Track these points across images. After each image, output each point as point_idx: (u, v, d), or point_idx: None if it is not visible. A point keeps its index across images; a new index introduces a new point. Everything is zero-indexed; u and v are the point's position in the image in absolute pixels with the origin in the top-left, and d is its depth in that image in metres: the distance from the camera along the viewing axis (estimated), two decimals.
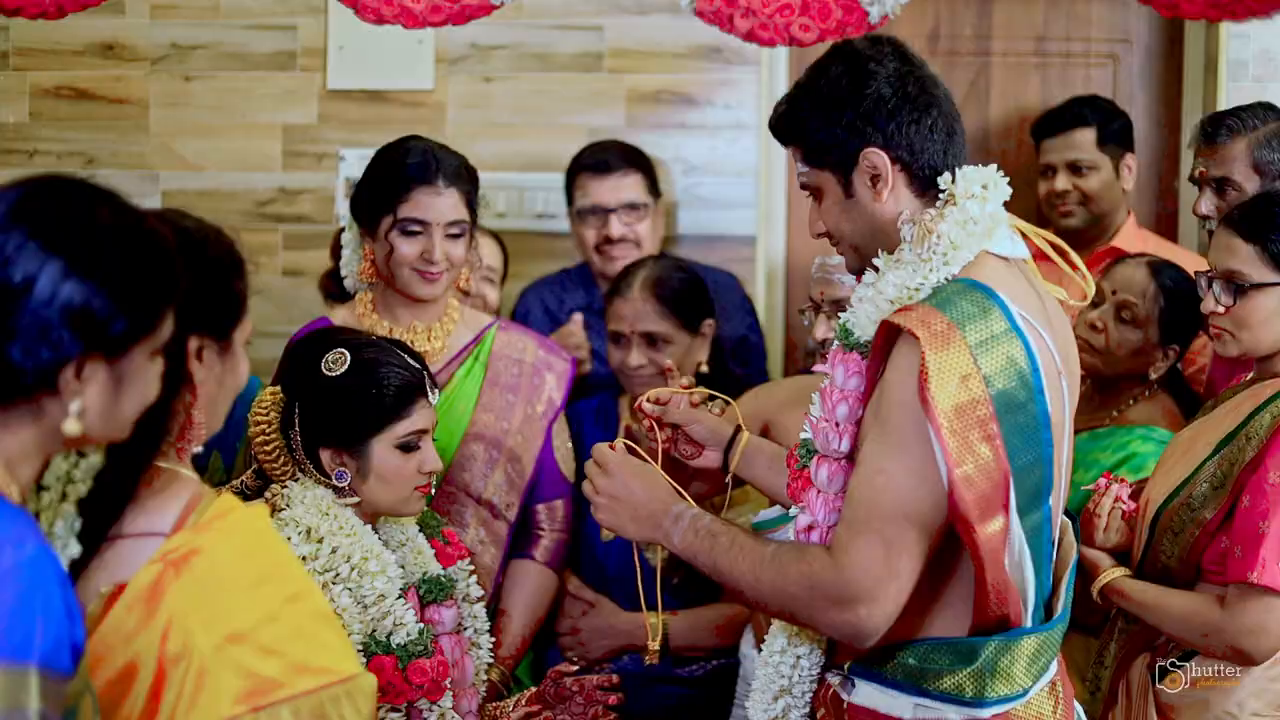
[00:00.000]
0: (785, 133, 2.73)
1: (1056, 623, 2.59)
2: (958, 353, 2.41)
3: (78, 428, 1.93)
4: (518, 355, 3.78)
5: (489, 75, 5.16)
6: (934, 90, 2.65)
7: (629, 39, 5.11)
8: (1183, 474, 3.18)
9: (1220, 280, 3.20)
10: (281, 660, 2.16)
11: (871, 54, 2.64)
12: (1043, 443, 2.48)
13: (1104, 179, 4.65)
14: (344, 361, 3.01)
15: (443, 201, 3.58)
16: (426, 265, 3.57)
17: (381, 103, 5.18)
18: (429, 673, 2.94)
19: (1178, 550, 3.13)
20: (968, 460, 2.40)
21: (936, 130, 2.62)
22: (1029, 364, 2.48)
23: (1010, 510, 2.44)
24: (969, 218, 2.57)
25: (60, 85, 5.33)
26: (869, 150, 2.60)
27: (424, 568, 3.13)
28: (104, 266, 1.91)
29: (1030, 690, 2.54)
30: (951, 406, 2.40)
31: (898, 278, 2.58)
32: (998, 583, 2.46)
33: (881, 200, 2.62)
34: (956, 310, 2.46)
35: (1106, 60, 5.27)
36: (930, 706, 2.53)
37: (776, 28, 3.83)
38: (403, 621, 2.96)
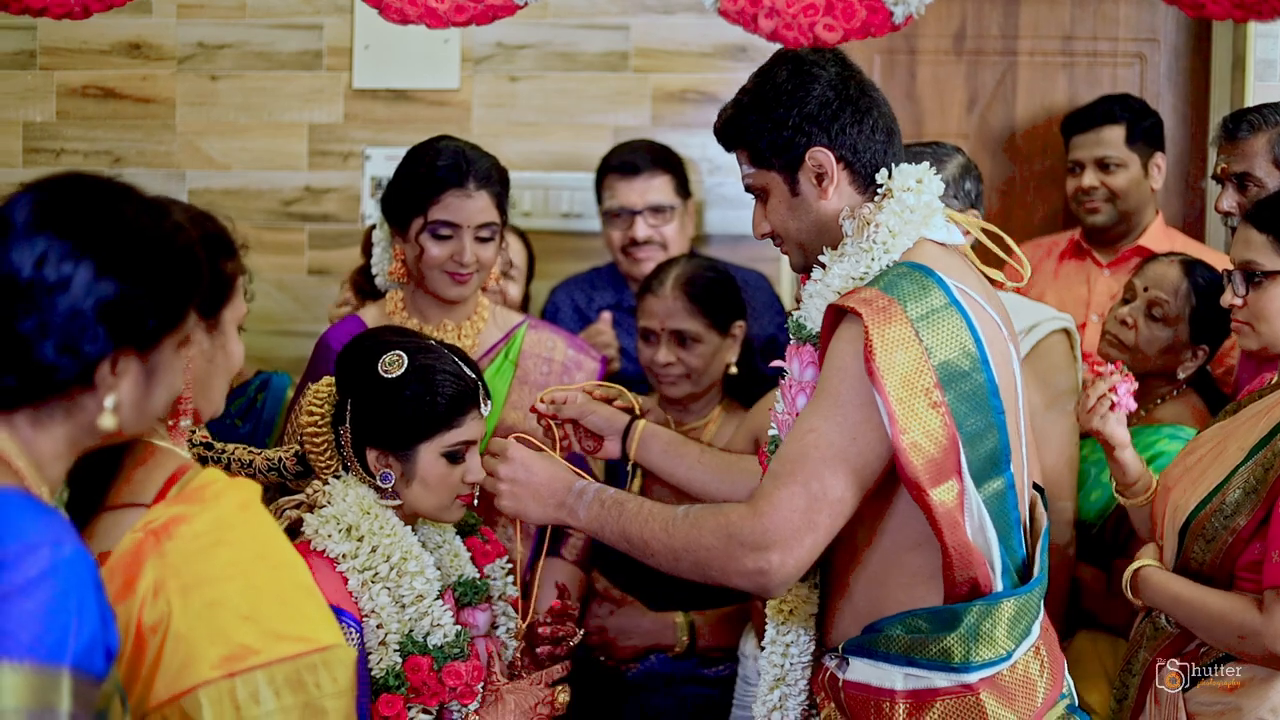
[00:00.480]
0: (732, 136, 2.84)
1: (1034, 585, 2.65)
2: (900, 326, 2.52)
3: (114, 421, 1.97)
4: (547, 354, 3.78)
5: (514, 74, 5.17)
6: (873, 94, 2.80)
7: (654, 38, 5.11)
8: (1214, 480, 3.14)
9: (1238, 272, 3.24)
10: (259, 627, 2.17)
11: (814, 59, 2.78)
12: (992, 410, 2.58)
13: (1132, 177, 4.63)
14: (401, 364, 2.99)
15: (473, 204, 3.58)
16: (457, 267, 3.59)
17: (407, 102, 5.19)
18: (463, 676, 2.92)
19: (1209, 556, 3.10)
20: (914, 427, 2.50)
21: (877, 130, 2.76)
22: (971, 335, 2.58)
23: (964, 475, 2.53)
24: (906, 207, 2.70)
25: (87, 84, 5.35)
26: (815, 149, 2.74)
27: (460, 570, 3.11)
28: (134, 264, 1.95)
29: (1014, 653, 2.61)
30: (898, 377, 2.50)
31: (842, 269, 2.70)
32: (958, 546, 2.54)
33: (827, 198, 2.75)
34: (897, 289, 2.58)
35: (1133, 60, 5.25)
36: (919, 675, 2.60)
37: (801, 28, 3.82)
38: (440, 622, 2.95)
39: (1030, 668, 2.64)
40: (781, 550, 2.52)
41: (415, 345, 3.05)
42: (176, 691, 2.11)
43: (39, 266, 1.90)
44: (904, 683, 2.60)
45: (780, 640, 2.84)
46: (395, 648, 2.89)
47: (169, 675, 2.12)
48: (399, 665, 2.87)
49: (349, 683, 2.27)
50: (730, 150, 2.87)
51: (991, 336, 2.64)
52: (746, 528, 2.55)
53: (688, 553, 2.62)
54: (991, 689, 2.59)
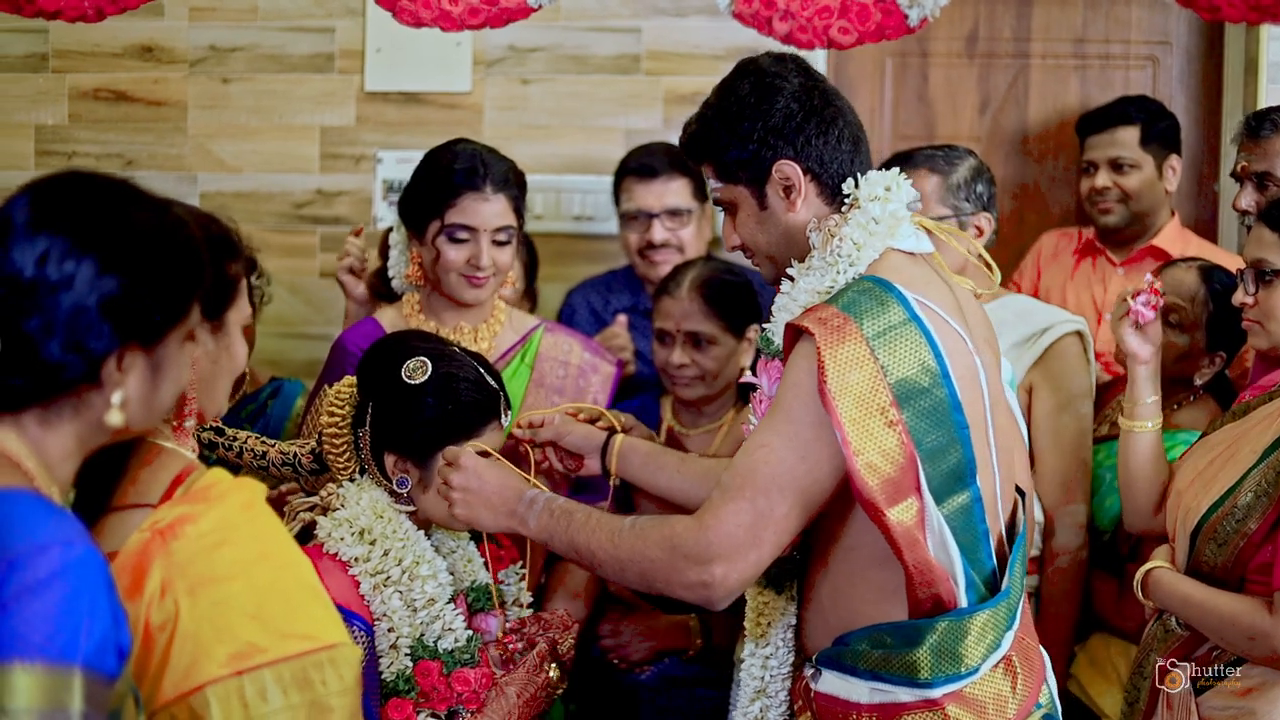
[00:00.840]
0: (697, 151, 2.83)
1: (1000, 599, 2.63)
2: (854, 345, 2.51)
3: (121, 418, 1.97)
4: (563, 357, 3.79)
5: (526, 77, 5.17)
6: (837, 102, 2.78)
7: (666, 41, 5.10)
8: (1226, 483, 3.13)
9: (1250, 270, 3.25)
10: (266, 626, 2.18)
11: (776, 70, 2.77)
12: (955, 425, 2.56)
13: (1145, 178, 4.62)
14: (424, 371, 2.98)
15: (490, 208, 3.59)
16: (473, 271, 3.60)
17: (419, 105, 5.19)
18: (472, 683, 2.92)
19: (1221, 559, 3.10)
20: (868, 448, 2.48)
21: (843, 140, 2.74)
22: (930, 350, 2.56)
23: (923, 492, 2.51)
24: (871, 218, 2.68)
25: (99, 87, 5.35)
26: (781, 162, 2.72)
27: (473, 576, 3.11)
28: (136, 259, 1.95)
29: (980, 668, 2.60)
30: (851, 397, 2.49)
31: (808, 283, 2.70)
32: (919, 563, 2.53)
33: (795, 210, 2.74)
34: (853, 305, 2.56)
35: (1146, 62, 5.25)
36: (884, 690, 2.60)
37: (815, 30, 3.82)
38: (452, 627, 2.95)
39: (1000, 684, 2.62)
40: (724, 564, 2.54)
41: (439, 352, 3.04)
42: (184, 690, 2.12)
43: (41, 265, 1.90)
44: (870, 696, 2.61)
45: (759, 652, 2.85)
46: (406, 651, 2.89)
47: (177, 674, 2.12)
48: (409, 669, 2.87)
49: (354, 680, 2.27)
50: (696, 165, 2.87)
51: (954, 350, 2.61)
52: (690, 540, 2.56)
53: (633, 563, 2.64)
54: (958, 703, 2.58)
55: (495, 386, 3.05)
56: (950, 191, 3.89)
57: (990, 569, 2.64)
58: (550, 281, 4.78)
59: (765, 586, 2.83)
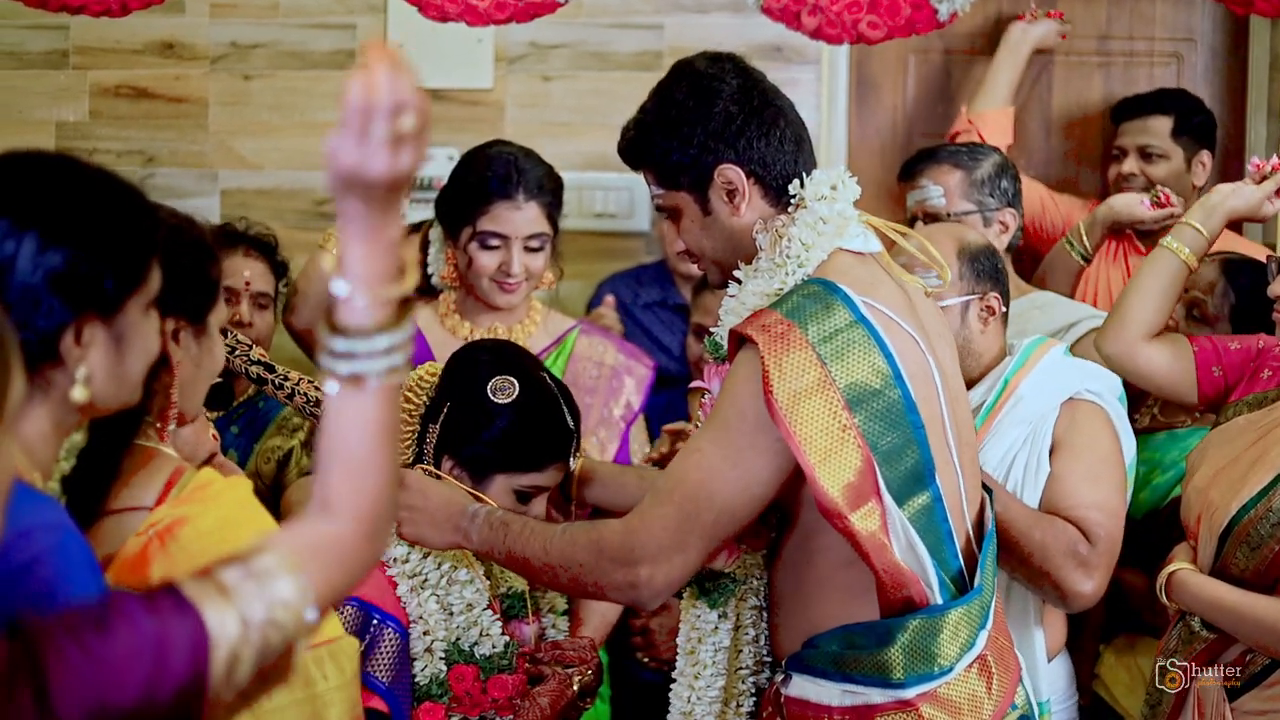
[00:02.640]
0: (636, 157, 2.78)
1: (973, 596, 2.60)
2: (799, 352, 2.47)
3: (85, 394, 1.93)
4: (598, 358, 3.80)
5: (548, 74, 5.16)
6: (778, 102, 2.73)
7: (689, 38, 5.07)
8: (1258, 484, 3.07)
9: None
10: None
11: (713, 72, 2.71)
12: (910, 425, 2.53)
13: (1173, 169, 4.59)
14: (509, 394, 2.95)
15: (522, 216, 3.60)
16: (504, 277, 3.62)
17: (440, 101, 5.17)
18: (510, 689, 2.91)
19: (1253, 564, 3.06)
20: (825, 456, 2.46)
21: (785, 140, 2.68)
22: (880, 352, 2.52)
23: (883, 495, 2.49)
24: (818, 218, 2.63)
25: (120, 84, 5.35)
26: (723, 166, 2.66)
27: (509, 582, 3.07)
28: (79, 228, 1.92)
29: (955, 667, 2.56)
30: (799, 407, 2.45)
31: (756, 286, 2.65)
32: (887, 567, 2.50)
33: (739, 214, 2.68)
34: (798, 310, 2.51)
35: (1170, 59, 5.22)
36: (856, 691, 2.56)
37: (844, 25, 3.81)
38: (489, 633, 2.93)
39: (975, 684, 2.59)
40: (650, 566, 2.55)
41: (530, 378, 3.01)
42: None
43: None
44: (841, 699, 2.57)
45: (687, 672, 2.82)
46: (441, 655, 2.87)
47: None
48: (444, 674, 2.86)
49: (353, 673, 2.30)
50: (636, 170, 2.81)
51: (905, 350, 2.57)
52: (616, 543, 2.57)
53: (564, 569, 2.65)
54: (932, 703, 2.54)
55: (571, 428, 3.02)
56: (974, 186, 3.89)
57: (956, 568, 2.62)
58: (572, 279, 4.75)
59: (698, 599, 2.80)
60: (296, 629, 1.66)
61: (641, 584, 2.56)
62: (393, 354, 1.73)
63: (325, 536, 1.75)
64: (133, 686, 1.53)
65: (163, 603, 1.59)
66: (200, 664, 1.57)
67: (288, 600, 1.65)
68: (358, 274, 1.71)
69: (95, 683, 1.52)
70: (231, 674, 1.60)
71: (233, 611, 1.60)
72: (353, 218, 1.71)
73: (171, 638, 1.56)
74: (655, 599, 2.61)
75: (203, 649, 1.57)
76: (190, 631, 1.58)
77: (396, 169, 1.68)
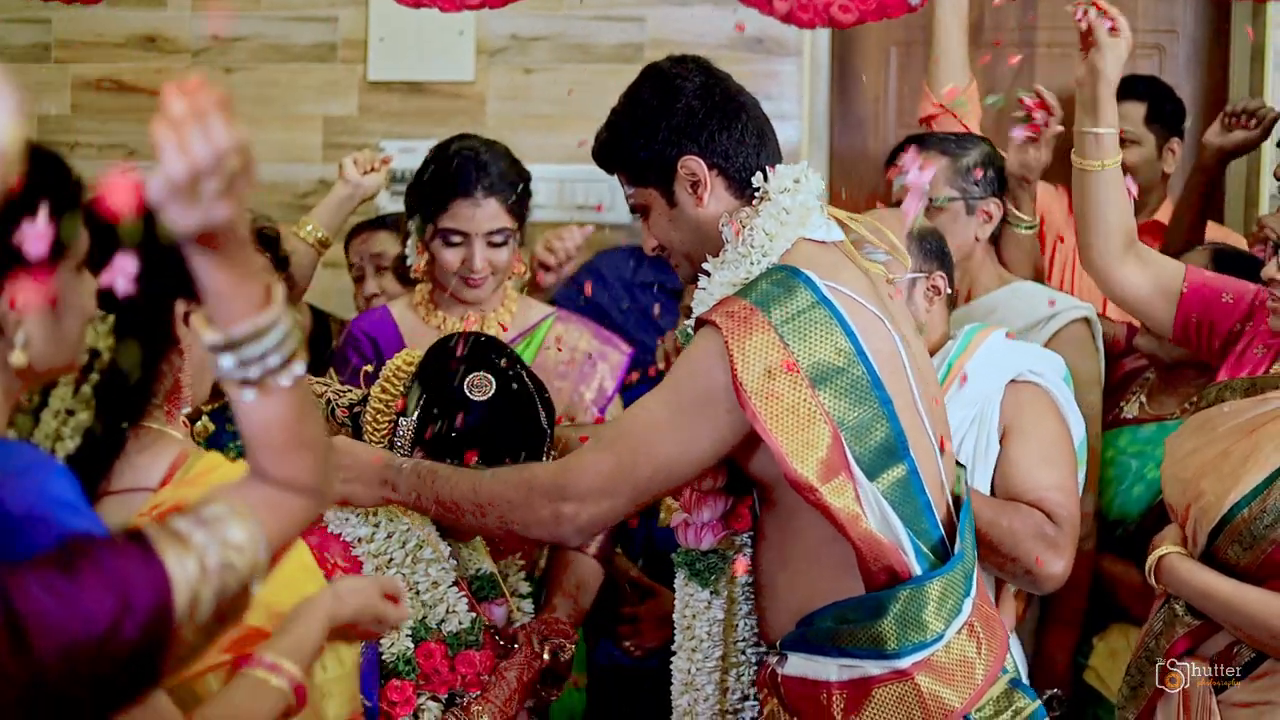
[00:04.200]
0: (608, 159, 2.88)
1: (954, 564, 2.64)
2: (761, 334, 2.55)
3: (24, 358, 1.91)
4: (571, 343, 3.82)
5: (529, 67, 5.16)
6: (741, 98, 2.80)
7: (670, 30, 5.09)
8: (1252, 480, 3.03)
9: None
10: (267, 610, 2.18)
11: (677, 71, 2.81)
12: (877, 400, 2.59)
13: (1144, 155, 4.59)
14: (486, 391, 2.99)
15: (482, 213, 3.63)
16: (468, 273, 3.64)
17: (422, 94, 5.18)
18: (477, 664, 2.93)
19: (1246, 560, 3.04)
20: (792, 435, 2.52)
21: (747, 134, 2.76)
22: (842, 330, 2.59)
23: (853, 469, 2.55)
24: (782, 209, 2.71)
25: (102, 78, 5.35)
26: (685, 158, 2.74)
27: (477, 564, 3.11)
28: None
29: (945, 634, 2.61)
30: (764, 387, 2.53)
31: (723, 276, 2.72)
32: (863, 538, 2.55)
33: (703, 205, 2.75)
34: (760, 294, 2.59)
35: (1152, 51, 5.23)
36: (853, 665, 2.61)
37: (816, 9, 3.80)
38: (455, 610, 2.96)
39: (966, 647, 2.64)
40: (576, 503, 2.64)
41: (508, 375, 3.05)
42: (184, 673, 2.10)
43: None
44: (839, 673, 2.62)
45: (685, 645, 2.89)
46: (408, 633, 2.89)
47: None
48: (410, 651, 2.88)
49: (353, 665, 2.31)
50: (611, 173, 2.90)
51: (869, 328, 2.64)
52: (547, 479, 2.67)
53: (492, 507, 2.71)
54: (927, 671, 2.59)
55: (545, 428, 3.06)
56: (959, 174, 3.90)
57: (938, 537, 2.66)
58: None
59: (690, 579, 2.88)
60: (250, 570, 1.70)
61: (566, 519, 2.65)
62: (281, 349, 1.77)
63: (267, 495, 1.80)
64: (101, 622, 1.56)
65: (127, 546, 1.62)
66: (164, 602, 1.60)
67: (239, 543, 1.69)
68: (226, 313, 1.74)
69: (67, 622, 1.55)
70: (194, 611, 1.63)
71: (191, 556, 1.64)
72: (202, 263, 1.72)
73: (136, 577, 1.60)
74: (577, 535, 2.71)
75: (165, 588, 1.61)
76: (153, 572, 1.61)
77: (225, 215, 1.66)
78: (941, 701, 2.59)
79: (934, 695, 2.59)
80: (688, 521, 2.84)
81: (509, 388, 3.02)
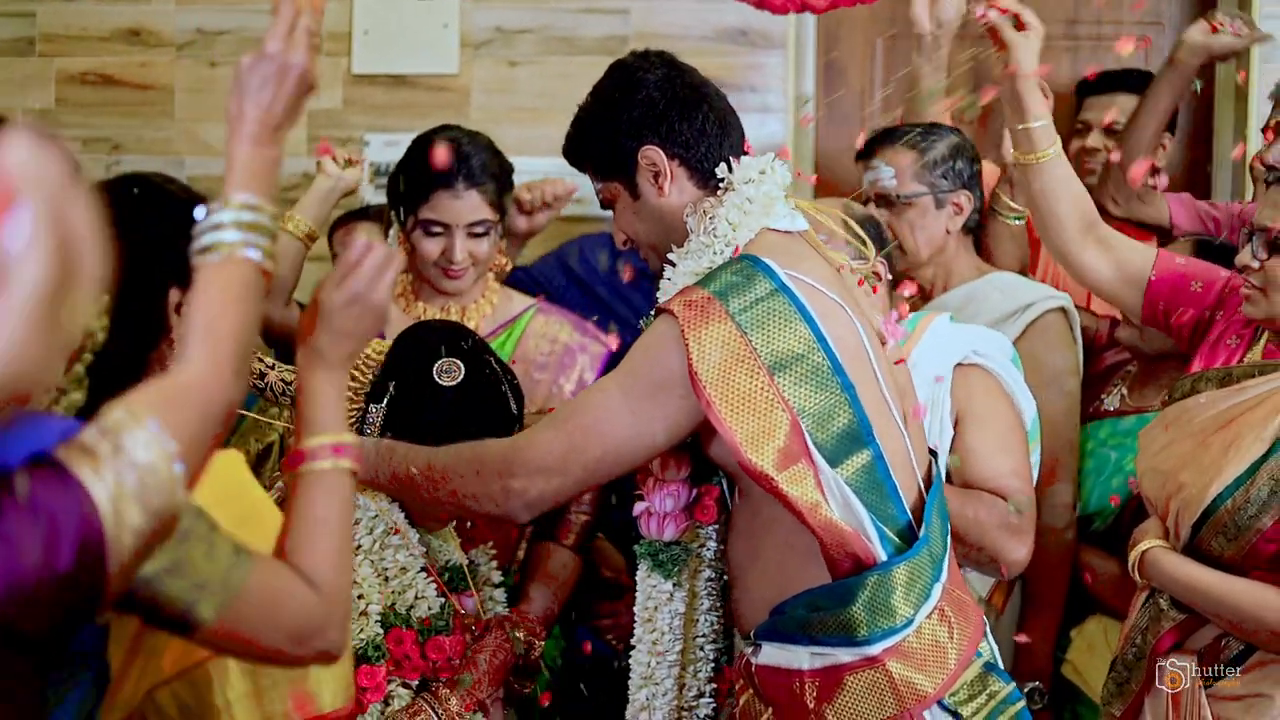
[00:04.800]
0: (575, 154, 2.92)
1: (920, 547, 2.65)
2: (719, 324, 2.57)
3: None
4: (552, 335, 3.82)
5: (514, 60, 5.15)
6: (703, 89, 2.83)
7: (655, 22, 5.08)
8: (1234, 472, 3.02)
9: (1260, 235, 3.10)
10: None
11: (640, 64, 2.85)
12: (840, 386, 2.61)
13: None
14: (454, 378, 3.01)
15: (462, 204, 3.66)
16: (448, 264, 3.66)
17: (406, 87, 5.17)
18: (447, 650, 2.94)
19: (1230, 552, 3.03)
20: (749, 423, 2.55)
21: (709, 124, 2.79)
22: (801, 317, 2.61)
23: (813, 455, 2.56)
24: (746, 199, 2.74)
25: (86, 71, 5.33)
26: (645, 148, 2.77)
27: (449, 555, 3.11)
28: None
29: (915, 618, 2.62)
30: (720, 377, 2.55)
31: (686, 266, 2.76)
32: (823, 525, 2.57)
33: (664, 194, 2.79)
34: (720, 284, 2.62)
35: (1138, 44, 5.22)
36: (824, 653, 2.63)
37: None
38: (424, 595, 2.97)
39: (937, 632, 2.65)
40: (525, 479, 2.67)
41: (476, 361, 3.06)
42: (185, 665, 2.14)
43: None
44: (810, 661, 2.64)
45: (646, 639, 2.91)
46: (376, 619, 2.89)
47: (177, 650, 2.14)
48: (380, 637, 2.88)
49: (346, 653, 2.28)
50: (580, 170, 2.92)
51: (830, 315, 2.66)
52: (498, 455, 2.72)
53: (445, 481, 2.76)
54: (898, 657, 2.60)
55: (515, 413, 3.08)
56: (926, 168, 3.90)
57: (905, 522, 2.67)
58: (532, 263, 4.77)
59: (653, 570, 2.90)
60: (166, 470, 1.70)
61: (513, 494, 2.68)
62: (243, 229, 1.91)
63: (178, 383, 1.83)
64: (31, 555, 1.56)
65: (42, 473, 1.61)
66: (91, 522, 1.60)
67: (146, 442, 1.68)
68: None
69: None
70: (121, 525, 1.63)
71: (103, 467, 1.64)
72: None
73: (57, 504, 1.59)
74: (525, 511, 2.74)
75: (89, 508, 1.61)
76: (72, 495, 1.61)
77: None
78: (914, 687, 2.60)
79: (906, 681, 2.60)
80: (650, 511, 2.86)
81: (478, 371, 3.04)
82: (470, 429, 2.95)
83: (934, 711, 2.64)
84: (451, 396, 2.99)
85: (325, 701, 2.34)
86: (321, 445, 2.13)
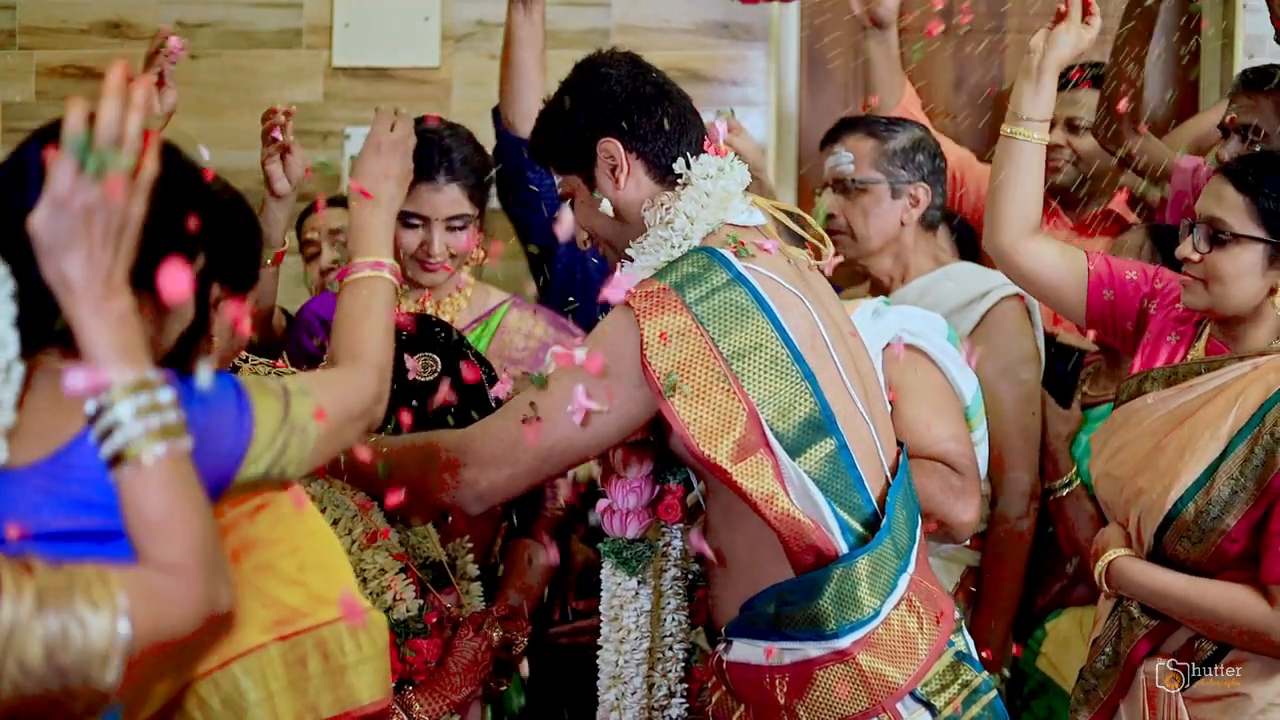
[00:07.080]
0: (539, 150, 2.93)
1: (882, 536, 2.64)
2: (674, 315, 2.58)
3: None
4: (527, 330, 3.82)
5: (495, 52, 5.08)
6: (666, 87, 2.84)
7: (636, 15, 5.09)
8: (1193, 474, 3.02)
9: (1202, 226, 3.10)
10: (304, 590, 2.21)
11: (603, 61, 2.86)
12: (802, 375, 2.61)
13: (1096, 143, 4.56)
14: (433, 373, 3.04)
15: (441, 197, 3.64)
16: (426, 257, 3.65)
17: (387, 80, 5.17)
18: (424, 653, 2.92)
19: (1196, 555, 3.03)
20: (702, 415, 2.55)
21: (668, 118, 2.79)
22: (759, 307, 2.61)
23: (771, 445, 2.56)
24: (703, 193, 2.74)
25: (66, 64, 5.33)
26: (603, 141, 2.77)
27: (427, 553, 3.10)
28: None
29: (881, 610, 2.62)
30: (674, 368, 2.55)
31: (644, 260, 2.75)
32: (780, 517, 2.56)
33: (621, 187, 2.78)
34: (677, 276, 2.62)
35: None
36: (793, 647, 2.62)
37: None
38: (403, 597, 2.94)
39: (906, 622, 2.64)
40: (476, 469, 2.67)
41: (452, 354, 3.08)
42: (228, 656, 2.14)
43: None
44: (780, 657, 2.63)
45: (612, 637, 2.90)
46: None
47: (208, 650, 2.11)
48: None
49: (385, 644, 2.31)
50: (545, 167, 2.94)
51: (788, 305, 2.66)
52: (451, 444, 2.71)
53: (400, 469, 2.73)
54: (867, 650, 2.60)
55: (493, 406, 3.06)
56: (885, 157, 3.90)
57: (871, 511, 2.66)
58: (518, 259, 4.75)
59: (618, 568, 2.89)
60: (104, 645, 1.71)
61: (464, 484, 2.68)
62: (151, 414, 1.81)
63: (142, 577, 1.81)
64: None
65: None
66: None
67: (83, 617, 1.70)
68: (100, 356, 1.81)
69: None
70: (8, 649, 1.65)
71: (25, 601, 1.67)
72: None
73: None
74: (476, 502, 2.72)
75: None
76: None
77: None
78: (885, 679, 2.60)
79: (877, 673, 2.59)
80: (613, 509, 2.84)
81: (455, 367, 3.04)
82: (446, 424, 2.94)
83: (906, 703, 2.63)
84: (429, 390, 2.98)
85: (363, 695, 2.33)
86: (364, 261, 2.65)
